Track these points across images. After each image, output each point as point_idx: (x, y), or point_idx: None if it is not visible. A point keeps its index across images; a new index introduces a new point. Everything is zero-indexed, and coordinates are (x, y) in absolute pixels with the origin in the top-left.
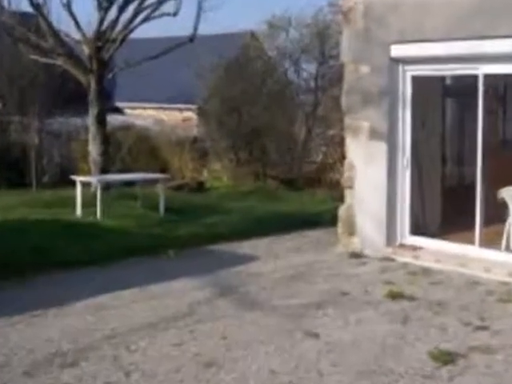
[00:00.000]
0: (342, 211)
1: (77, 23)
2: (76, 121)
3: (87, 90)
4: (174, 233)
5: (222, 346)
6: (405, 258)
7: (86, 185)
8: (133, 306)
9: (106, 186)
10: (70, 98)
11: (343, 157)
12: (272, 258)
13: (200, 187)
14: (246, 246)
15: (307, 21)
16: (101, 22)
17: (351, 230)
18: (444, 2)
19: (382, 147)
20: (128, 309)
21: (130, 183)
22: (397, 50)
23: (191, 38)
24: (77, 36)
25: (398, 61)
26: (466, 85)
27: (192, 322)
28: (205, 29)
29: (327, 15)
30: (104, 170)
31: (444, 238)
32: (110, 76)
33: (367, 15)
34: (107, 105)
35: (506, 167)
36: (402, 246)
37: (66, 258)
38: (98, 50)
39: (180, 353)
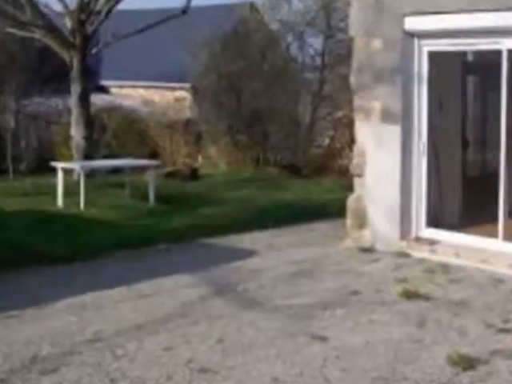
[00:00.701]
0: (350, 201)
1: None
2: (57, 101)
3: (69, 66)
4: (165, 225)
5: (218, 350)
6: (421, 252)
7: (67, 172)
8: (119, 306)
9: (90, 174)
10: (51, 76)
11: (352, 141)
12: (274, 252)
13: (194, 174)
14: (244, 240)
15: None
16: None
17: (361, 223)
18: None
19: (395, 130)
20: (114, 309)
21: (116, 170)
22: (412, 23)
23: (184, 10)
24: (58, 7)
25: (413, 35)
26: (488, 61)
27: (185, 323)
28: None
29: None
30: (88, 156)
31: (464, 231)
32: (94, 51)
33: None
34: (91, 83)
35: None
36: (417, 239)
37: (47, 253)
38: (82, 22)
39: (171, 358)
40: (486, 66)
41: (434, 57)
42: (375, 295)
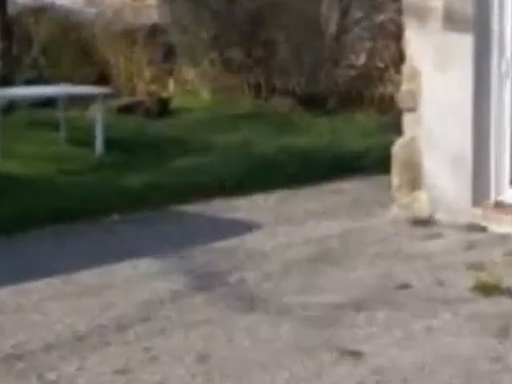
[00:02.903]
0: (398, 149)
1: None
2: None
3: None
4: (119, 184)
5: (200, 372)
6: (503, 225)
7: None
8: (52, 307)
9: (8, 107)
10: None
11: (401, 58)
12: (283, 226)
13: (163, 108)
14: (240, 207)
15: None
16: None
17: (414, 181)
18: None
19: (465, 42)
20: (44, 311)
21: (47, 102)
22: None
23: None
24: None
25: None
26: None
27: (149, 332)
28: None
29: None
30: (4, 81)
31: None
32: None
33: None
34: None
35: None
36: (498, 205)
37: None
38: None
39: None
40: None
41: None
42: (435, 289)
